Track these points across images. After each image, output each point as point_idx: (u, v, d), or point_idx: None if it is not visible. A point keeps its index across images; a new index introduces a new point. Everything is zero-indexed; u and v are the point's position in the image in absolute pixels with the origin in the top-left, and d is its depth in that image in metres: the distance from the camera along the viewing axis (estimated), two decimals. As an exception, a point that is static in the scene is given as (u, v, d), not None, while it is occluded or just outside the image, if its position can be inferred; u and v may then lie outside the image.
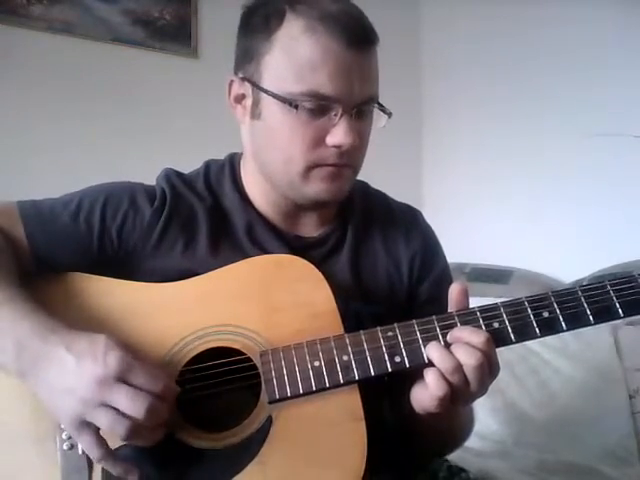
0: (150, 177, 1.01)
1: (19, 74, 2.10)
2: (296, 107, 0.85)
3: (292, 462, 0.77)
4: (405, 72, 2.70)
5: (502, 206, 2.46)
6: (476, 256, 2.32)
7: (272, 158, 0.91)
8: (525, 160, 2.38)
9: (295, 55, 0.85)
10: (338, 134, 0.86)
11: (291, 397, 0.79)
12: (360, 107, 0.88)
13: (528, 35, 2.38)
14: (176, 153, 1.53)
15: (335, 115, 0.86)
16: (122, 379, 0.71)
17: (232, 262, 0.89)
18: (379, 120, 0.93)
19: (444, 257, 1.07)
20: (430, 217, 1.09)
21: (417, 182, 2.85)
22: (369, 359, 0.79)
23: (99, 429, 0.73)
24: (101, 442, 0.73)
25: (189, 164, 1.04)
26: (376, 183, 1.09)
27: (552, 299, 0.81)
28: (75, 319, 0.82)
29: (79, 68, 2.19)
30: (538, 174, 2.33)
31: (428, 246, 1.04)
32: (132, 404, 0.70)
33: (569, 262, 2.15)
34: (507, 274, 2.27)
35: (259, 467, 0.76)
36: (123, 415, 0.70)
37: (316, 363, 0.79)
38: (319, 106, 0.85)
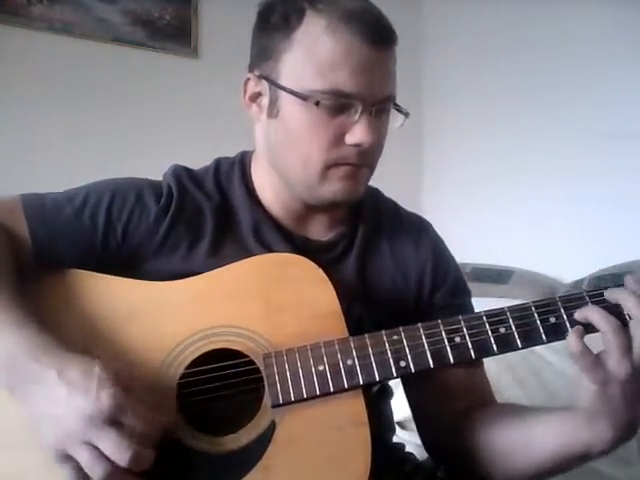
0: (149, 177, 0.99)
1: (19, 74, 2.10)
2: (317, 104, 0.84)
3: (296, 467, 0.76)
4: (406, 71, 2.68)
5: (502, 206, 2.45)
6: (476, 256, 2.32)
7: (289, 157, 0.90)
8: (525, 160, 2.38)
9: (316, 53, 0.84)
10: (358, 132, 0.85)
11: (295, 401, 0.78)
12: (380, 105, 0.87)
13: (530, 34, 2.37)
14: (176, 153, 1.52)
15: (355, 113, 0.85)
16: (112, 420, 0.69)
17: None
18: (395, 120, 0.92)
19: (457, 267, 1.05)
20: (430, 217, 1.08)
21: (417, 182, 2.85)
22: (374, 363, 0.79)
23: None
24: (82, 476, 0.70)
25: (189, 164, 1.03)
26: (376, 183, 1.08)
27: (559, 304, 0.79)
28: (75, 318, 0.82)
29: (79, 68, 2.19)
30: (538, 174, 2.33)
31: (439, 257, 1.02)
32: (117, 450, 0.68)
33: (569, 262, 2.15)
34: (507, 274, 2.27)
35: (263, 472, 0.76)
36: (105, 458, 0.68)
37: (320, 367, 0.79)
38: (339, 104, 0.84)
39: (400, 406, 1.05)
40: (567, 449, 0.79)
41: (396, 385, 1.04)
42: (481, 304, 0.97)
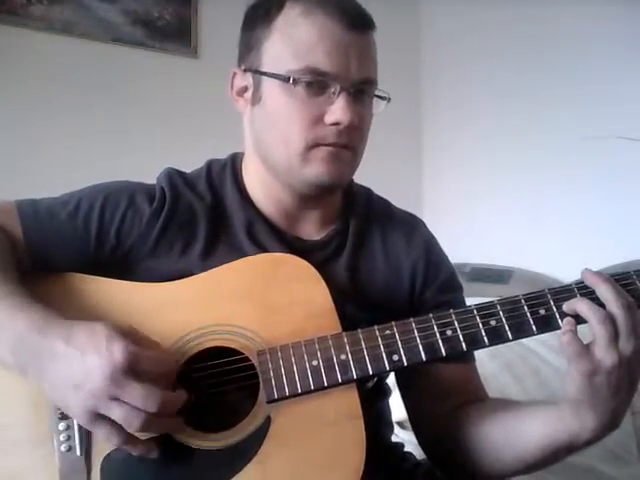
0: (149, 177, 1.00)
1: (19, 74, 2.11)
2: (294, 82, 0.86)
3: (291, 462, 0.77)
4: (405, 69, 2.70)
5: (502, 206, 2.46)
6: (476, 256, 2.32)
7: (272, 140, 0.91)
8: (525, 160, 2.38)
9: (293, 36, 0.87)
10: (336, 111, 0.86)
11: (289, 397, 0.78)
12: (358, 87, 0.88)
13: (529, 32, 2.38)
14: (176, 153, 1.53)
15: (334, 93, 0.87)
16: (131, 371, 0.70)
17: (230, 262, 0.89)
18: (378, 106, 0.94)
19: (449, 264, 1.05)
20: (430, 217, 1.09)
21: (417, 182, 2.86)
22: (367, 358, 0.79)
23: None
24: (118, 429, 0.72)
25: (189, 164, 1.03)
26: (375, 182, 1.08)
27: (549, 296, 0.81)
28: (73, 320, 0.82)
29: (79, 68, 2.20)
30: (538, 174, 2.33)
31: (431, 254, 1.02)
32: (144, 400, 0.70)
33: (569, 262, 2.14)
34: (507, 274, 2.27)
35: (258, 467, 0.76)
36: (137, 409, 0.70)
37: (314, 362, 0.79)
38: (317, 82, 0.87)
39: (400, 406, 1.05)
40: (554, 440, 0.80)
41: (395, 384, 1.04)
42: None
